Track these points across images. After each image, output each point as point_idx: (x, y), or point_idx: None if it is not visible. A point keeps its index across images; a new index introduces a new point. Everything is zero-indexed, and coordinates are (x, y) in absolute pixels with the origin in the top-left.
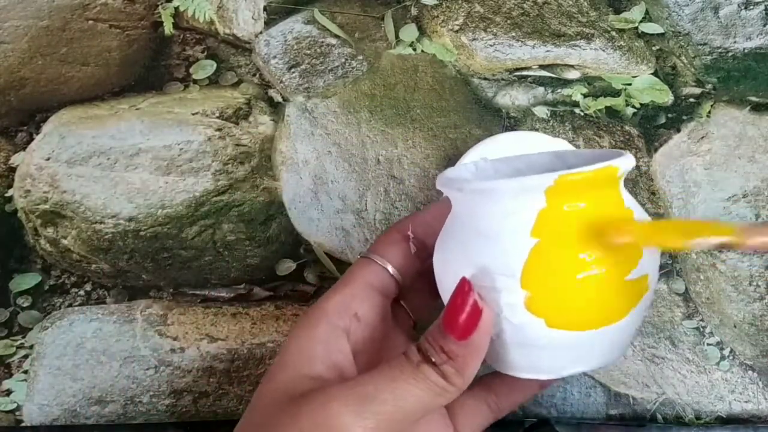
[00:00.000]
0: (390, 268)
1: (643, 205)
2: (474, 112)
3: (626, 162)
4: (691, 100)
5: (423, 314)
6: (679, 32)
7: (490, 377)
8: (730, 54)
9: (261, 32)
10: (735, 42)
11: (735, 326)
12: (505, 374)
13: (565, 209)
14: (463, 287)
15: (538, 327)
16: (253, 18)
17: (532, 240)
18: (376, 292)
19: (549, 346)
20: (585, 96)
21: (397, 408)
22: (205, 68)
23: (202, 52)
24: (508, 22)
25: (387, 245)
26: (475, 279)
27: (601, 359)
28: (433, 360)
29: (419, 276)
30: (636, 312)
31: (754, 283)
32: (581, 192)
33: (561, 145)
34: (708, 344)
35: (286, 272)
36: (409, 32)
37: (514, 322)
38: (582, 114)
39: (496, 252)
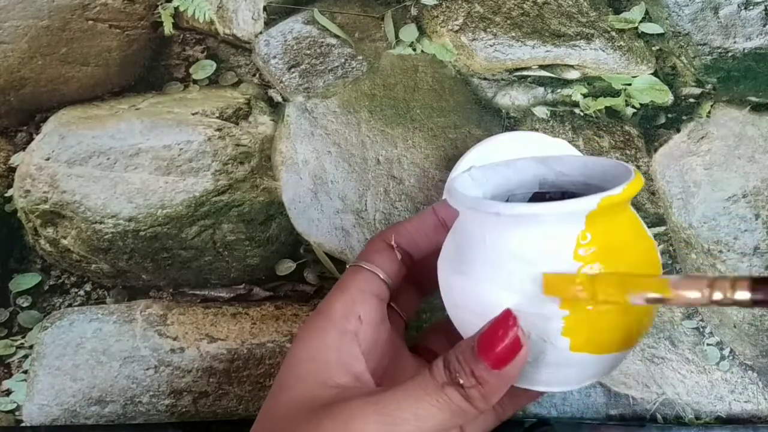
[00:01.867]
0: (381, 274)
1: (642, 205)
2: (474, 112)
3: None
4: (691, 100)
5: (410, 314)
6: (679, 32)
7: None
8: (730, 54)
9: (261, 32)
10: (735, 42)
11: (735, 326)
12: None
13: (600, 232)
14: (507, 320)
15: (563, 349)
16: (253, 18)
17: (575, 263)
18: (373, 296)
19: (566, 365)
20: (585, 96)
21: (418, 428)
22: (204, 68)
23: (202, 52)
24: (508, 22)
25: (374, 253)
26: (516, 306)
27: (604, 373)
28: (461, 382)
29: (408, 282)
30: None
31: None
32: (616, 213)
33: (561, 145)
34: (708, 344)
35: (286, 272)
36: (409, 32)
37: (546, 342)
38: (582, 114)
39: (537, 275)
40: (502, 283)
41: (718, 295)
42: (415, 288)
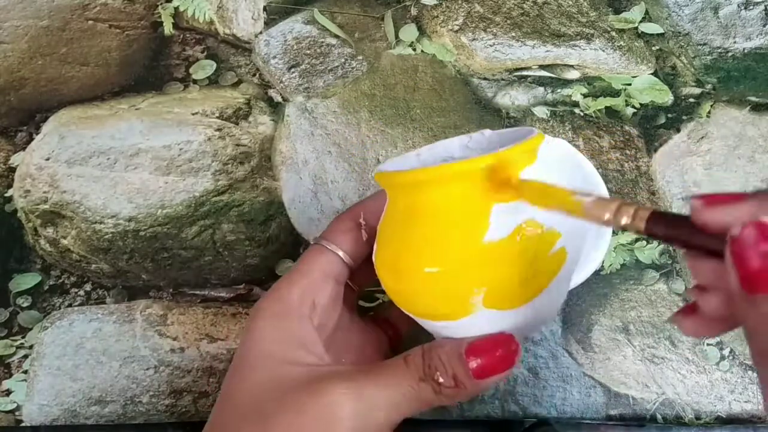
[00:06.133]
0: (344, 257)
1: (642, 205)
2: (474, 112)
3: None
4: (691, 100)
5: (363, 285)
6: (679, 32)
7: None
8: (729, 54)
9: (261, 32)
10: (735, 42)
11: None
12: None
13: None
14: (510, 344)
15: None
16: (253, 18)
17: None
18: (332, 280)
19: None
20: (585, 96)
21: (389, 417)
22: (204, 68)
23: (202, 52)
24: (508, 22)
25: (340, 233)
26: None
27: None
28: (441, 381)
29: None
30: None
31: None
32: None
33: (561, 145)
34: (708, 344)
35: (286, 272)
36: (409, 32)
37: None
38: (582, 114)
39: None
40: None
41: (624, 220)
42: (371, 260)
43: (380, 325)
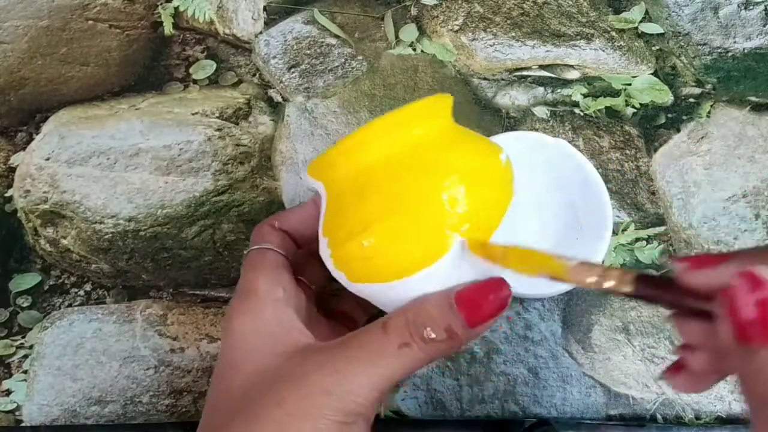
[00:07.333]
0: (281, 251)
1: (642, 205)
2: (474, 112)
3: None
4: (691, 100)
5: (319, 284)
6: (679, 32)
7: None
8: (729, 54)
9: (261, 32)
10: (735, 42)
11: None
12: None
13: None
14: (501, 287)
15: (347, 282)
16: (253, 18)
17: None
18: (285, 269)
19: (359, 292)
20: (585, 96)
21: (373, 390)
22: (204, 68)
23: (202, 52)
24: (508, 22)
25: (264, 236)
26: None
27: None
28: (432, 336)
29: (311, 256)
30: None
31: None
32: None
33: (561, 145)
34: None
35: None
36: (409, 32)
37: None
38: (582, 114)
39: None
40: None
41: (608, 284)
42: (319, 260)
43: (339, 320)
